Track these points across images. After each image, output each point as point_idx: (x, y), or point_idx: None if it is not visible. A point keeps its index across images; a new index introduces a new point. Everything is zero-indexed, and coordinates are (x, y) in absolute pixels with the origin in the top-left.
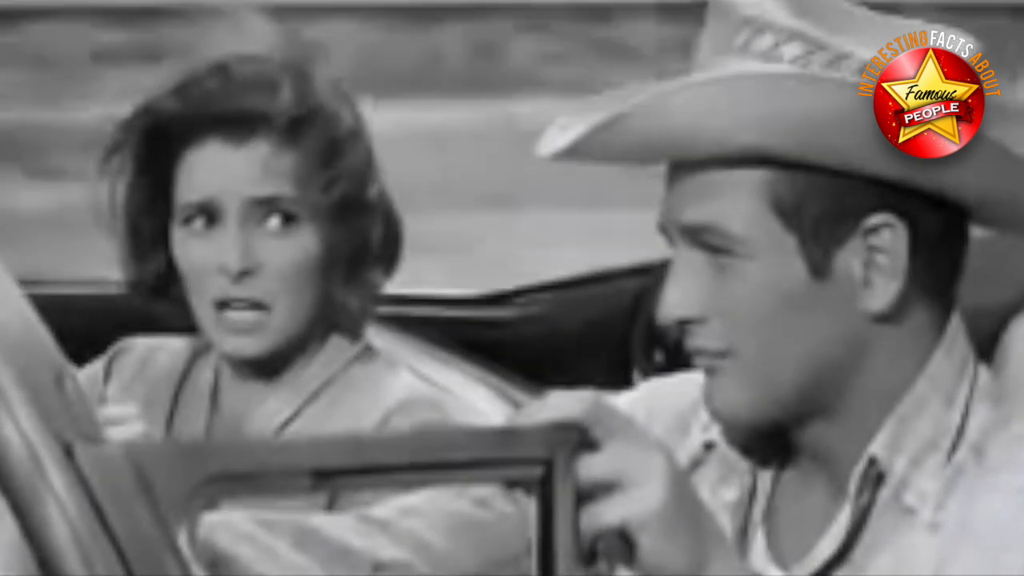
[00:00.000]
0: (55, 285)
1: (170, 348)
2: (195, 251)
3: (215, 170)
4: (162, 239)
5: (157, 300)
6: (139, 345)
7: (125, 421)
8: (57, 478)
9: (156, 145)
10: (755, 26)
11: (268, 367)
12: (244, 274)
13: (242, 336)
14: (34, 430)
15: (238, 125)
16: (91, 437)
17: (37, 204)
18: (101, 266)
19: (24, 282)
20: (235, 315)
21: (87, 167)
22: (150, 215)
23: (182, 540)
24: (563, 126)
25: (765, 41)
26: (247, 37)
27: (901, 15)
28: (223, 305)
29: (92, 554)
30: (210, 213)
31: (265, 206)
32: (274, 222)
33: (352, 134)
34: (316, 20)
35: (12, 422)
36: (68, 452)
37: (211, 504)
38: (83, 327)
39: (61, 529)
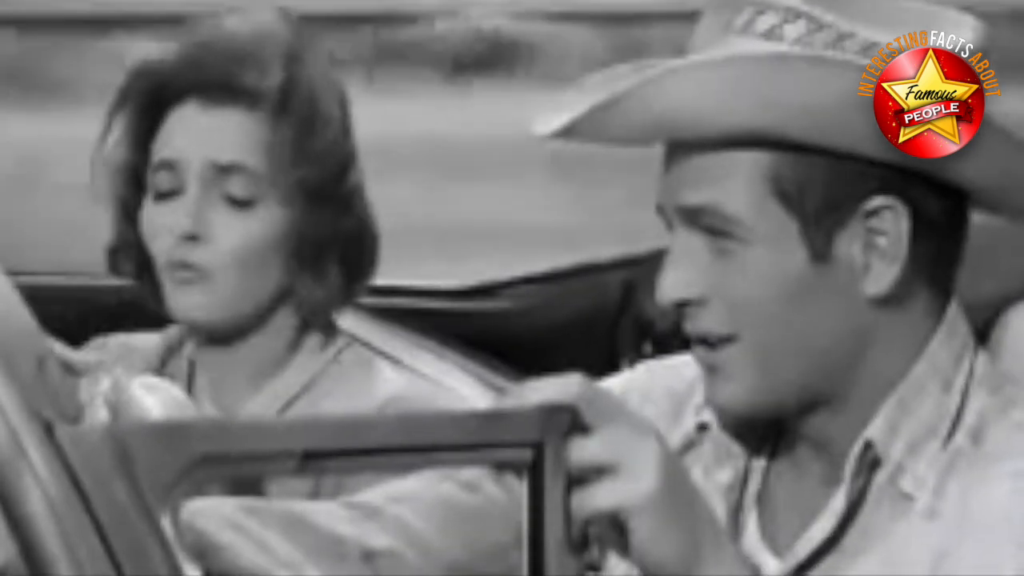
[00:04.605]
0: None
1: (143, 345)
2: (156, 216)
3: (185, 131)
4: (139, 209)
5: (130, 274)
6: (111, 343)
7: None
8: (37, 456)
9: (145, 107)
10: (758, 5)
11: (240, 363)
12: (192, 238)
13: (187, 293)
14: (14, 408)
15: (217, 91)
16: (72, 418)
17: None
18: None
19: (11, 272)
20: (182, 275)
21: None
22: (132, 178)
23: (165, 523)
24: (560, 106)
25: (768, 20)
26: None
27: None
28: (173, 268)
29: (72, 532)
30: (174, 175)
31: (226, 173)
32: (235, 192)
33: (329, 120)
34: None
35: None
36: (48, 430)
37: (196, 486)
38: (63, 317)
39: (40, 507)
